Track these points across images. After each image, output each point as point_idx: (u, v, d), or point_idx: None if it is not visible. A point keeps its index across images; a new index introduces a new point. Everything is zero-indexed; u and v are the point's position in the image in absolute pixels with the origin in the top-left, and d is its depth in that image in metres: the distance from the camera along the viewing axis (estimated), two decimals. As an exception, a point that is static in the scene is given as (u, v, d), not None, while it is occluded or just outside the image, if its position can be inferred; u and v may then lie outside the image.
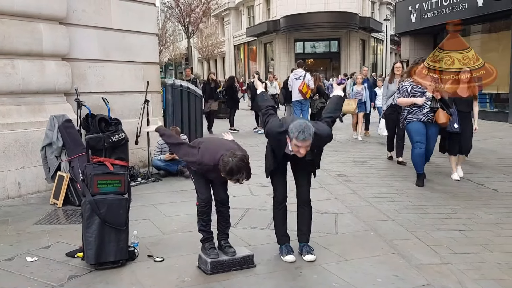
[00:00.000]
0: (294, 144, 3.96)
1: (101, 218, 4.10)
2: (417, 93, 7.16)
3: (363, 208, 6.05)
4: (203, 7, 32.81)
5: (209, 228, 4.23)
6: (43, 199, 6.55)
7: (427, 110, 7.08)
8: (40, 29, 6.84)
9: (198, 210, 4.22)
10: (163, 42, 39.63)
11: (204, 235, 4.22)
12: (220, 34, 49.46)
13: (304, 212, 4.46)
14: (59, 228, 5.36)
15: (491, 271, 4.08)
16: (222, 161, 3.88)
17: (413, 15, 20.42)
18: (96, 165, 4.33)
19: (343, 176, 7.88)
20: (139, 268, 4.17)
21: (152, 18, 9.07)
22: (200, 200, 4.20)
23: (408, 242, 4.79)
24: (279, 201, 4.45)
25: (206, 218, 4.21)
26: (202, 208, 4.19)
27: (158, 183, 7.60)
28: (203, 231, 4.22)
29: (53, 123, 6.44)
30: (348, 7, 34.98)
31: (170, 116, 9.77)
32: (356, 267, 4.18)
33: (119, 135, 6.62)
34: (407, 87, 7.28)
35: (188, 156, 4.14)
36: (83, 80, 7.61)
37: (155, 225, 5.35)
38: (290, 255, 4.31)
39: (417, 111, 7.12)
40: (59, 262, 4.28)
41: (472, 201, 6.29)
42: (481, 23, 17.32)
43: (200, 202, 4.20)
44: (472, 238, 4.88)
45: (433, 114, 7.03)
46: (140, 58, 8.60)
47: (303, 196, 4.43)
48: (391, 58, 45.10)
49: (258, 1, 40.61)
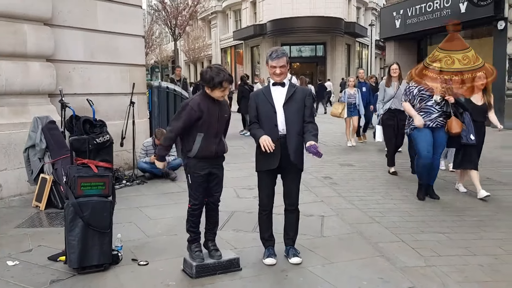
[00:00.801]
0: (270, 66, 4.21)
1: (84, 221, 4.05)
2: (424, 97, 6.50)
3: (348, 210, 6.06)
4: (190, 10, 32.76)
5: (197, 229, 4.20)
6: (26, 201, 6.47)
7: (436, 115, 6.44)
8: (25, 30, 6.77)
9: (189, 212, 4.16)
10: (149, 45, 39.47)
11: (192, 236, 4.18)
12: (207, 37, 49.40)
13: (292, 217, 4.44)
14: (41, 231, 5.30)
15: (474, 273, 4.12)
16: (203, 75, 3.98)
17: (397, 20, 20.63)
18: (80, 167, 4.29)
19: (329, 179, 7.90)
20: (123, 272, 4.13)
21: (138, 20, 9.04)
22: (193, 203, 4.13)
23: (393, 244, 4.82)
24: (264, 205, 4.40)
25: (196, 220, 4.17)
26: (194, 211, 4.15)
27: (143, 186, 7.55)
28: (192, 231, 4.18)
29: (36, 125, 6.37)
30: (334, 12, 35.21)
31: (155, 118, 9.71)
32: (342, 269, 4.18)
33: (104, 137, 6.55)
34: (413, 90, 6.63)
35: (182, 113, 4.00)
36: (68, 81, 7.55)
37: (140, 228, 5.30)
38: (270, 258, 4.31)
39: (425, 117, 6.44)
40: (41, 266, 4.22)
41: (456, 204, 6.35)
42: (463, 29, 17.52)
43: (192, 205, 4.13)
44: (456, 241, 4.92)
45: (443, 119, 6.46)
46: (126, 60, 8.55)
47: (291, 200, 4.40)
48: (376, 63, 45.49)
49: (245, 5, 40.69)
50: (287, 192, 4.38)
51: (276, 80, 4.26)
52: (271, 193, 4.38)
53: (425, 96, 6.51)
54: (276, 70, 4.18)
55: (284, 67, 4.20)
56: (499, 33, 15.51)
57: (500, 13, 15.26)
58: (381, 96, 8.83)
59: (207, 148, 4.03)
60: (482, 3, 15.03)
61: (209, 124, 4.01)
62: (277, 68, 4.17)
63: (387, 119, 8.59)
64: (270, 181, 4.34)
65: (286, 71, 4.27)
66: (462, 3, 16.28)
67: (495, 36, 15.85)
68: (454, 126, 6.37)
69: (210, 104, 4.01)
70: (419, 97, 6.54)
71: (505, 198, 6.63)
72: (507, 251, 4.62)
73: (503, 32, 15.33)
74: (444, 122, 6.47)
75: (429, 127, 6.45)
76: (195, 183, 4.08)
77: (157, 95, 9.75)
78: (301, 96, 4.26)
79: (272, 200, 4.39)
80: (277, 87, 4.27)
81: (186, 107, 3.99)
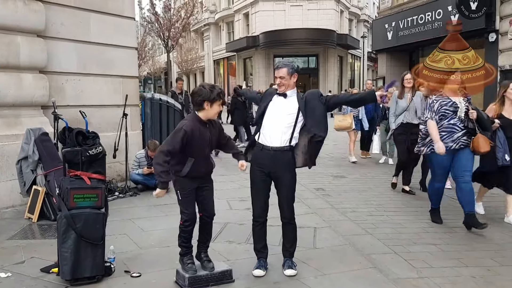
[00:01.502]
0: (275, 77, 4.40)
1: (77, 232, 4.04)
2: (447, 114, 5.74)
3: (341, 222, 6.08)
4: (182, 22, 32.86)
5: (190, 243, 4.18)
6: (18, 213, 6.43)
7: (459, 134, 5.70)
8: (18, 41, 6.78)
9: (181, 229, 4.12)
10: (142, 56, 39.51)
11: (184, 250, 4.16)
12: (200, 49, 49.58)
13: (288, 229, 4.45)
14: (34, 243, 5.27)
15: (467, 285, 4.14)
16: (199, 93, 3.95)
17: (389, 32, 20.80)
18: (73, 179, 4.28)
19: (321, 191, 7.91)
20: (116, 283, 4.12)
21: (131, 32, 9.06)
22: (185, 220, 4.07)
23: (385, 256, 4.83)
24: (256, 217, 4.40)
25: (188, 236, 4.14)
26: (186, 228, 4.10)
27: (136, 198, 7.53)
28: (184, 246, 4.16)
29: (29, 136, 6.35)
30: (326, 24, 35.53)
31: (148, 130, 9.72)
32: (334, 281, 4.19)
33: (97, 148, 6.58)
34: (434, 104, 5.84)
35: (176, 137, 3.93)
36: (60, 93, 7.54)
37: (132, 240, 5.29)
38: (259, 269, 4.31)
39: (446, 137, 5.71)
40: (33, 278, 4.20)
41: (448, 216, 6.36)
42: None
43: (184, 221, 4.08)
44: (448, 252, 4.94)
45: (467, 138, 5.71)
46: (119, 71, 8.56)
47: (285, 213, 4.39)
48: (368, 75, 45.74)
49: (238, 16, 40.94)
50: (282, 203, 4.39)
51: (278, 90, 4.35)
52: (263, 201, 4.37)
53: (449, 112, 5.74)
54: (277, 80, 4.32)
55: (283, 78, 4.26)
56: (491, 45, 15.67)
57: (492, 25, 15.43)
58: (393, 109, 7.98)
59: (197, 170, 4.04)
60: (474, 16, 15.20)
61: (200, 149, 4.03)
62: (277, 78, 4.31)
63: (399, 135, 7.80)
64: (261, 188, 4.34)
65: (289, 83, 4.29)
66: (453, 15, 16.43)
67: (486, 48, 16.00)
68: (482, 145, 5.63)
69: (202, 129, 4.01)
70: (441, 114, 5.78)
71: (497, 210, 6.66)
72: (499, 263, 4.65)
73: (495, 44, 15.49)
74: (468, 141, 5.72)
75: (451, 148, 5.72)
76: (185, 199, 4.07)
77: (150, 107, 9.77)
78: None
79: (264, 208, 4.38)
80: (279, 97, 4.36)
81: (180, 131, 3.92)
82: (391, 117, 8.06)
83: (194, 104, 4.03)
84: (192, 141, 3.94)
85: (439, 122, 5.78)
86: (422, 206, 6.87)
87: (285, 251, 4.46)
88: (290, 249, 4.45)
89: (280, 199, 4.39)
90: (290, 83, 4.29)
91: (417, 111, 7.52)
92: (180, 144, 3.90)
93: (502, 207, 6.43)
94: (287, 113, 4.24)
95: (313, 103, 4.27)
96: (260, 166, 4.29)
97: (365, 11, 47.67)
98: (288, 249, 4.45)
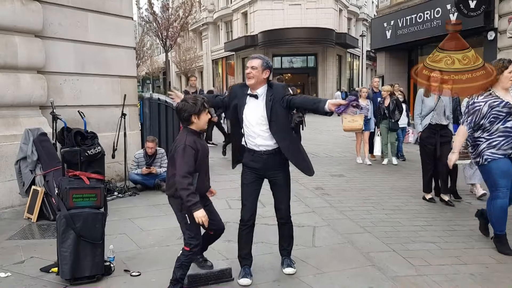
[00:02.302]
0: (246, 67, 4.14)
1: (76, 232, 4.05)
2: (501, 115, 4.86)
3: (340, 221, 6.09)
4: (181, 22, 32.85)
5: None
6: (17, 213, 6.44)
7: None
8: (15, 42, 6.78)
9: (187, 256, 3.78)
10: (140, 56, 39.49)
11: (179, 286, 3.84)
12: (198, 48, 49.57)
13: (284, 229, 4.41)
14: (33, 243, 5.28)
15: (465, 282, 4.15)
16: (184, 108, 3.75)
17: (388, 31, 20.81)
18: (72, 179, 4.29)
19: (320, 190, 7.92)
20: (115, 283, 4.13)
21: (129, 32, 9.07)
22: (194, 244, 3.77)
23: (384, 254, 4.84)
24: (244, 220, 4.23)
25: (189, 266, 3.87)
26: (193, 255, 3.86)
27: (135, 197, 7.53)
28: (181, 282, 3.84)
29: (27, 137, 6.36)
30: (325, 23, 35.54)
31: (147, 130, 9.69)
32: (333, 279, 4.20)
33: (95, 148, 6.56)
34: (480, 106, 4.94)
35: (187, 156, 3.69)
36: (59, 93, 7.55)
37: (132, 240, 5.30)
38: (245, 278, 4.13)
39: (504, 143, 4.86)
40: (33, 278, 4.21)
41: (446, 214, 6.39)
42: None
43: (193, 247, 3.77)
44: (447, 250, 4.95)
45: None
46: (117, 71, 8.57)
47: (282, 213, 4.34)
48: (367, 74, 45.79)
49: (236, 16, 40.94)
50: (278, 202, 4.33)
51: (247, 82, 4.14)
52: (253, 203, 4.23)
53: (502, 114, 4.86)
54: (247, 70, 4.09)
55: (254, 69, 4.04)
56: (489, 43, 15.68)
57: (490, 24, 15.44)
58: (419, 110, 7.24)
59: (203, 185, 3.90)
60: (472, 14, 15.21)
61: (204, 162, 3.88)
62: (248, 68, 4.08)
63: (427, 138, 7.05)
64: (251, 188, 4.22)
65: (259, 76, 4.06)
66: (452, 14, 16.46)
67: (485, 47, 16.01)
68: None
69: (199, 140, 3.84)
70: (492, 116, 4.90)
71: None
72: (498, 260, 4.66)
73: (493, 43, 15.49)
74: None
75: (509, 156, 4.92)
76: (195, 222, 3.70)
77: (148, 107, 9.75)
78: None
79: (253, 211, 4.24)
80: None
81: (187, 149, 3.67)
82: (416, 118, 7.30)
83: (183, 121, 3.83)
84: (197, 155, 3.75)
85: (491, 126, 4.92)
86: (421, 204, 6.90)
87: (283, 250, 4.45)
88: (288, 248, 4.44)
89: (277, 201, 4.33)
90: (260, 77, 4.06)
91: (446, 110, 7.03)
92: (193, 161, 3.69)
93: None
94: (262, 120, 4.08)
95: (276, 107, 4.05)
96: (254, 170, 4.20)
97: (364, 9, 47.70)
98: (286, 248, 4.44)
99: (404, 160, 11.03)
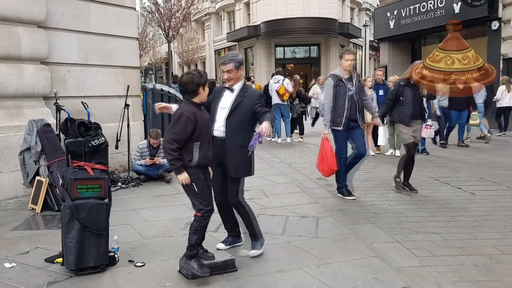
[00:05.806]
0: (222, 71, 4.50)
1: (81, 223, 4.07)
2: None
3: (343, 212, 6.09)
4: (183, 12, 32.76)
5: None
6: (21, 204, 6.46)
7: None
8: (19, 32, 6.77)
9: (200, 221, 3.98)
10: (143, 47, 39.48)
11: (195, 252, 4.02)
12: (201, 38, 49.41)
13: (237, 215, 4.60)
14: (38, 233, 5.30)
15: (469, 273, 4.15)
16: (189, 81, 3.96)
17: (391, 21, 20.72)
18: (76, 170, 4.30)
19: (323, 180, 7.92)
20: (120, 273, 4.15)
21: (132, 22, 9.03)
22: (205, 210, 3.96)
23: (387, 245, 4.84)
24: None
25: (204, 230, 4.05)
26: (206, 220, 4.00)
27: (139, 188, 7.55)
28: (198, 244, 4.06)
29: (31, 128, 6.37)
30: (327, 13, 35.29)
31: (150, 121, 9.73)
32: (337, 270, 4.21)
33: (99, 139, 6.59)
34: None
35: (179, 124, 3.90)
36: (62, 84, 7.54)
37: (136, 230, 5.32)
38: (222, 243, 4.68)
39: None
40: (38, 268, 4.23)
41: (450, 205, 6.38)
42: (458, 30, 17.62)
43: (203, 212, 3.96)
44: (450, 241, 4.96)
45: None
46: (120, 62, 8.55)
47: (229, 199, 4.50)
48: (370, 64, 45.61)
49: (239, 6, 40.72)
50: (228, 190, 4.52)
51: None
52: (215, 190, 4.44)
53: None
54: (225, 75, 4.43)
55: (230, 72, 4.37)
56: (493, 33, 15.62)
57: (494, 13, 15.38)
58: None
59: (206, 154, 4.03)
60: (476, 4, 15.13)
61: (205, 131, 4.04)
62: (225, 73, 4.42)
63: None
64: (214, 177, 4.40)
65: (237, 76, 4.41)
66: (456, 4, 16.38)
67: (489, 37, 15.96)
68: None
69: (198, 112, 4.01)
70: None
71: (499, 198, 6.68)
72: (501, 251, 4.66)
73: (497, 32, 15.44)
74: None
75: None
76: (203, 187, 4.01)
77: (151, 97, 9.77)
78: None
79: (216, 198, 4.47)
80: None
81: (182, 117, 3.89)
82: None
83: (189, 92, 4.00)
84: (197, 124, 3.92)
85: None
86: (424, 195, 6.90)
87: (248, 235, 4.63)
88: (247, 232, 4.58)
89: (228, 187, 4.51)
90: (238, 76, 4.42)
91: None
92: (184, 129, 3.87)
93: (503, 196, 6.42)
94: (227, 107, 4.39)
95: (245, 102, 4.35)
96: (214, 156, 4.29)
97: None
98: (245, 232, 4.63)
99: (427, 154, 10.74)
